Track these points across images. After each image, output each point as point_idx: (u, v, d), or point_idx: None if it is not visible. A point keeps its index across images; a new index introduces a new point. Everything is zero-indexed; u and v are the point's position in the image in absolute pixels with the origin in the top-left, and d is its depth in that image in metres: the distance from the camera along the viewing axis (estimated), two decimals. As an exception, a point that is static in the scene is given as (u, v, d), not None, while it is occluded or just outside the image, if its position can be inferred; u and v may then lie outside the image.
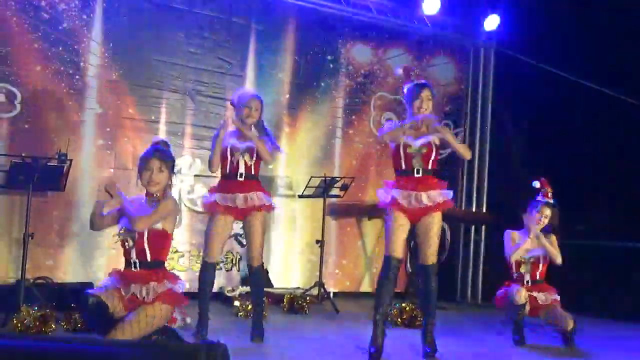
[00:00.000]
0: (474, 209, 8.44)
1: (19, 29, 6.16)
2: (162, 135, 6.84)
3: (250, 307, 5.97)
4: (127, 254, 3.83)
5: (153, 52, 6.81)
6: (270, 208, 4.88)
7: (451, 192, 4.55)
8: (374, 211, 7.92)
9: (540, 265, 5.25)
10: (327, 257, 7.41)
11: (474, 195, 8.55)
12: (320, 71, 7.84)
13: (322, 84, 7.83)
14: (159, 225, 3.76)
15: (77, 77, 6.44)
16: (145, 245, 3.74)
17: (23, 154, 5.33)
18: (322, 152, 7.80)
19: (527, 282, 5.22)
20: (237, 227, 5.76)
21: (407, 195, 4.42)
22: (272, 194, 7.11)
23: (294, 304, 6.43)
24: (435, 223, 4.48)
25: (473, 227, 8.34)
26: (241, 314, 5.95)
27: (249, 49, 7.33)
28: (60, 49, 6.35)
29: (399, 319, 5.89)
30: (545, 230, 5.25)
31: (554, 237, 5.28)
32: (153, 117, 6.83)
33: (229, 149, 4.76)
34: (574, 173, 7.44)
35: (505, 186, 8.05)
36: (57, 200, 6.20)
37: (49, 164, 5.29)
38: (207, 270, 4.80)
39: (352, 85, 8.04)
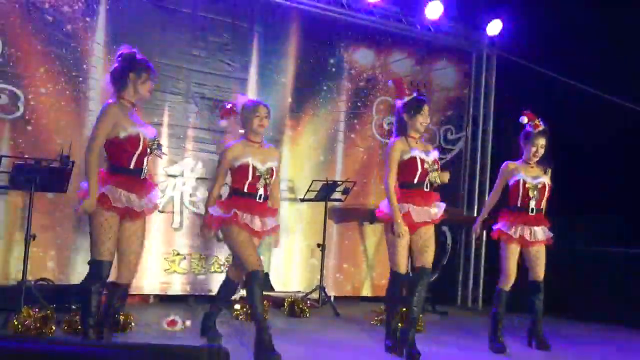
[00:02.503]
0: (475, 214, 8.44)
1: (22, 31, 6.18)
2: (164, 138, 6.85)
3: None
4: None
5: (156, 54, 6.80)
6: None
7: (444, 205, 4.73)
8: (375, 216, 7.94)
9: (546, 193, 5.11)
10: (328, 261, 7.41)
11: (476, 200, 8.55)
12: (322, 75, 7.84)
13: (325, 87, 7.84)
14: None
15: (80, 79, 6.46)
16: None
17: (26, 156, 5.35)
18: (324, 155, 7.80)
19: (532, 209, 5.04)
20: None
21: (414, 209, 4.55)
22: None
23: (295, 307, 6.43)
24: (432, 230, 4.68)
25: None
26: (242, 317, 5.95)
27: (251, 52, 7.35)
28: (64, 51, 6.37)
29: (400, 324, 5.85)
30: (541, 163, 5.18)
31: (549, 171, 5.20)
32: (156, 120, 6.83)
33: (250, 167, 4.47)
34: (576, 178, 7.45)
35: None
36: (59, 202, 6.21)
37: (51, 165, 5.30)
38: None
39: (354, 89, 8.05)
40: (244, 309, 5.95)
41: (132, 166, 4.08)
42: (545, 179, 5.11)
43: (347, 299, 7.62)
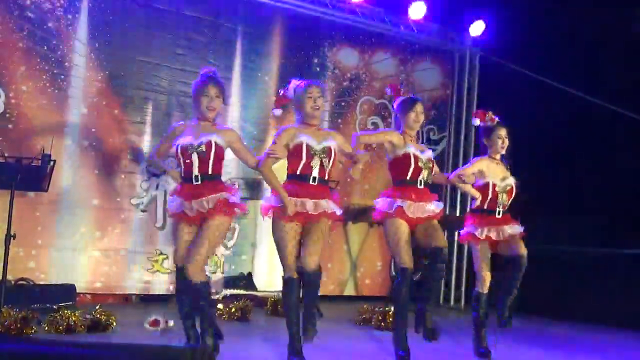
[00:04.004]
0: (457, 213, 8.47)
1: (3, 27, 6.11)
2: (147, 136, 6.82)
3: (233, 309, 5.99)
4: (188, 169, 4.08)
5: (139, 53, 6.78)
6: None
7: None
8: (359, 215, 7.94)
9: (513, 194, 5.02)
10: (311, 261, 7.39)
11: (458, 199, 8.60)
12: (306, 74, 7.80)
13: (308, 87, 7.82)
14: (222, 142, 4.11)
15: (62, 77, 6.40)
16: (211, 160, 4.05)
17: (6, 154, 5.28)
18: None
19: (499, 212, 4.94)
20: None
21: (409, 205, 4.49)
22: (258, 196, 7.14)
23: (278, 307, 6.41)
24: (435, 222, 4.59)
25: (457, 232, 8.37)
26: (224, 316, 5.93)
27: (235, 52, 7.33)
28: (45, 48, 6.31)
29: (383, 323, 5.89)
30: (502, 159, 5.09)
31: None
32: (139, 119, 6.79)
33: (304, 147, 4.21)
34: (557, 178, 7.52)
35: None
36: (40, 201, 6.16)
37: (32, 164, 5.24)
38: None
39: (338, 88, 8.06)
40: (227, 309, 5.93)
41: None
42: (512, 180, 5.08)
43: (330, 299, 7.62)
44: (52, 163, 5.32)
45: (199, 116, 4.22)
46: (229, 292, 6.63)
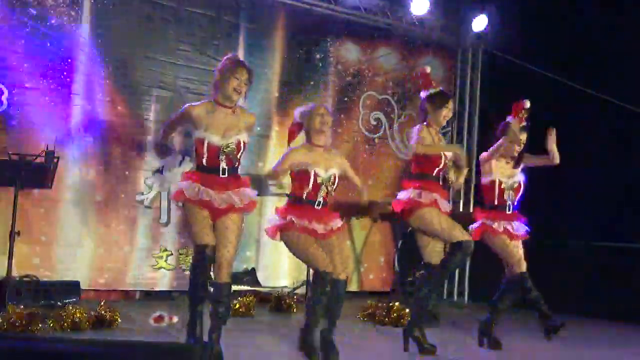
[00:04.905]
0: (460, 209, 8.47)
1: (6, 24, 6.11)
2: (150, 132, 6.81)
3: (237, 305, 5.99)
4: (213, 162, 3.98)
5: (142, 48, 6.77)
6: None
7: None
8: (362, 211, 7.94)
9: (521, 191, 5.02)
10: (315, 256, 7.40)
11: (462, 195, 8.59)
12: (309, 70, 7.84)
13: (311, 82, 7.83)
14: (247, 138, 4.10)
15: (64, 73, 6.39)
16: (238, 156, 4.03)
17: (10, 151, 5.29)
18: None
19: (509, 207, 4.92)
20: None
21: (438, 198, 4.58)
22: (261, 192, 7.14)
23: (281, 303, 6.43)
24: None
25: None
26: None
27: (238, 47, 7.31)
28: (48, 45, 6.30)
29: (387, 318, 5.90)
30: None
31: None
32: (142, 114, 6.79)
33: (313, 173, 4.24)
34: (560, 173, 7.49)
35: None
36: (44, 198, 6.16)
37: (36, 161, 5.25)
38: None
39: (340, 84, 8.05)
40: (231, 305, 5.93)
41: None
42: (520, 177, 5.06)
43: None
44: (55, 160, 5.34)
45: (220, 98, 4.07)
46: (232, 287, 6.62)
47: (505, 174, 4.98)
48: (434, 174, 4.57)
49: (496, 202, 4.96)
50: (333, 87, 7.99)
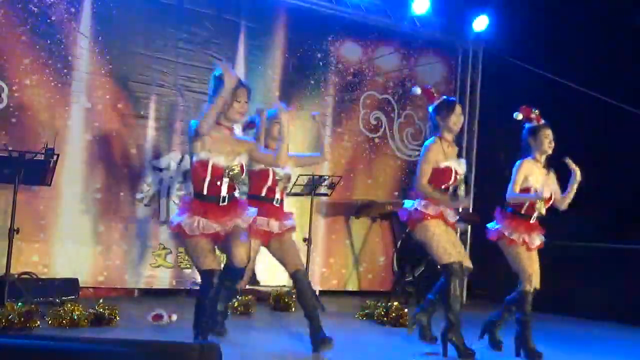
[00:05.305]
0: (460, 210, 8.46)
1: (6, 21, 6.10)
2: (150, 130, 6.81)
3: (236, 304, 5.99)
4: (214, 189, 3.90)
5: (142, 46, 6.77)
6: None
7: None
8: (362, 210, 7.95)
9: (551, 201, 4.82)
10: (314, 256, 7.41)
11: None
12: (309, 69, 7.83)
13: (312, 81, 7.83)
14: (247, 161, 4.09)
15: (65, 70, 6.39)
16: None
17: (9, 148, 5.28)
18: (310, 150, 7.78)
19: (534, 218, 4.75)
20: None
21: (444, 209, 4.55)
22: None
23: (280, 301, 6.43)
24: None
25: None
26: (228, 311, 5.92)
27: (238, 46, 7.31)
28: (48, 42, 6.30)
29: (385, 318, 5.89)
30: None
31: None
32: (142, 112, 6.79)
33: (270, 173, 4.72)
34: (561, 174, 7.48)
35: (492, 187, 8.07)
36: (44, 195, 6.15)
37: (35, 158, 5.24)
38: None
39: (341, 83, 8.05)
40: (230, 304, 5.93)
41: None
42: (554, 187, 4.83)
43: (333, 294, 7.63)
44: (55, 157, 5.32)
45: (223, 120, 4.00)
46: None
47: (540, 183, 4.75)
48: (442, 188, 4.51)
49: (523, 212, 4.77)
50: (334, 87, 7.99)
